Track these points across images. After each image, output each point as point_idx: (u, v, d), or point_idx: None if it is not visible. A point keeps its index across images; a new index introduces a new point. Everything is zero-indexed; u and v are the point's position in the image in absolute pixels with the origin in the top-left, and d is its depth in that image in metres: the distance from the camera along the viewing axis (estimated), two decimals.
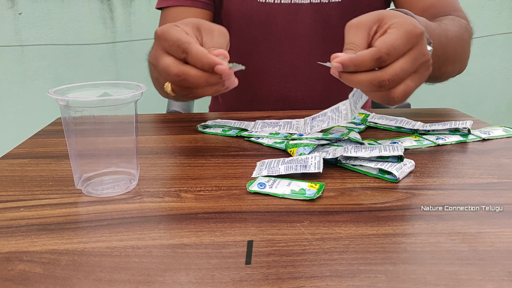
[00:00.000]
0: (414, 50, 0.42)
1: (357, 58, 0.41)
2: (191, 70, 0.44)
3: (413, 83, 0.43)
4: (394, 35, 0.41)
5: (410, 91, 0.43)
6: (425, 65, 0.44)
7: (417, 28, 0.42)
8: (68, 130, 0.39)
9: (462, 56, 0.65)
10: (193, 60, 0.43)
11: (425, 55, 0.43)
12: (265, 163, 0.46)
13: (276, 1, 0.75)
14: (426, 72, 0.44)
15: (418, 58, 0.42)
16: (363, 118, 0.62)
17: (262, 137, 0.56)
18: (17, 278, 0.28)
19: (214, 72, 0.43)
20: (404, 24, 0.42)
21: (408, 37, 0.41)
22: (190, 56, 0.43)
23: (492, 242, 0.32)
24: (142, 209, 0.37)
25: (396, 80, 0.41)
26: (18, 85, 1.46)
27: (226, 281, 0.28)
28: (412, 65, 0.42)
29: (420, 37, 0.42)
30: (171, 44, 0.45)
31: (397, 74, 0.41)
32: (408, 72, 0.42)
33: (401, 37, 0.41)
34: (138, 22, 1.45)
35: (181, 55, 0.44)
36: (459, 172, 0.45)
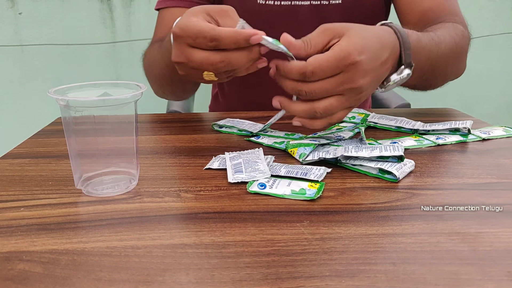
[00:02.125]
0: (342, 75, 0.44)
1: (286, 66, 0.45)
2: (231, 54, 0.44)
3: (338, 103, 0.46)
4: (326, 57, 0.43)
5: (334, 110, 0.46)
6: (353, 91, 0.45)
7: (350, 56, 0.43)
8: (68, 130, 0.39)
9: (456, 64, 0.67)
10: (226, 43, 0.43)
11: (353, 83, 0.44)
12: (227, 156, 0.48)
13: (276, 3, 0.75)
14: (356, 97, 0.46)
15: (344, 83, 0.44)
16: (363, 118, 0.63)
17: (262, 136, 0.56)
18: (17, 278, 0.28)
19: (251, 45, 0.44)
20: (340, 49, 0.43)
21: (338, 62, 0.43)
22: (221, 41, 0.43)
23: (491, 242, 0.32)
24: (142, 209, 0.37)
25: (312, 94, 0.45)
26: (18, 85, 1.46)
27: (226, 281, 0.28)
28: (335, 87, 0.44)
29: (352, 64, 0.43)
30: (195, 38, 0.44)
31: (315, 90, 0.44)
32: (329, 92, 0.45)
33: (331, 61, 0.43)
34: (138, 22, 1.45)
35: (210, 45, 0.44)
36: (459, 172, 0.45)
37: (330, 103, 0.45)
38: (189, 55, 0.46)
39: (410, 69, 0.51)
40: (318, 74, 0.43)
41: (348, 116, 0.63)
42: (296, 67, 0.44)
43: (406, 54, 0.50)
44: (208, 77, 0.47)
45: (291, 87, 0.46)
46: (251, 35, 0.43)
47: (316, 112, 0.46)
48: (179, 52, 0.47)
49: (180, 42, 0.46)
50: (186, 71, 0.49)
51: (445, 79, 0.67)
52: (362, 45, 0.44)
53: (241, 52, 0.45)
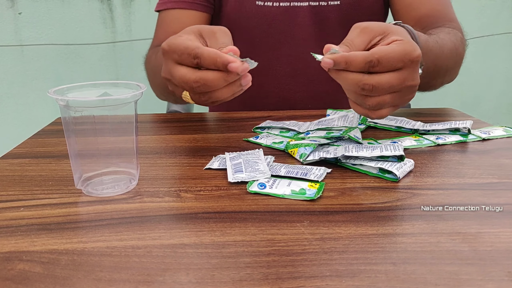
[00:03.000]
0: (405, 71, 0.43)
1: (349, 56, 0.41)
2: (207, 73, 0.44)
3: (392, 100, 0.44)
4: (392, 48, 0.42)
5: (385, 106, 0.45)
6: (410, 89, 0.44)
7: (415, 52, 0.42)
8: (68, 130, 0.39)
9: (454, 70, 0.67)
10: (206, 63, 0.44)
11: (413, 80, 0.44)
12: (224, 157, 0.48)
13: (275, 4, 0.75)
14: (409, 95, 0.45)
15: (406, 79, 0.43)
16: (363, 118, 0.62)
17: (261, 136, 0.56)
18: (17, 278, 0.28)
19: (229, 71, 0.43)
20: (405, 43, 0.42)
21: (403, 55, 0.42)
22: (202, 59, 0.43)
23: (492, 242, 0.32)
24: (142, 209, 0.37)
25: (378, 89, 0.42)
26: (18, 85, 1.46)
27: (226, 281, 0.28)
28: (398, 83, 0.43)
29: (415, 61, 0.42)
30: (180, 54, 0.45)
31: (381, 83, 0.42)
32: (392, 87, 0.43)
33: (397, 53, 0.42)
34: (138, 22, 1.45)
35: (193, 62, 0.44)
36: (459, 172, 0.45)
37: (383, 99, 0.44)
38: (172, 71, 0.46)
39: (421, 68, 0.50)
40: (383, 65, 0.41)
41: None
42: (361, 56, 0.41)
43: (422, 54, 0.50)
44: (185, 98, 0.48)
45: (356, 80, 0.42)
46: (229, 61, 0.42)
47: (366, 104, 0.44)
48: (166, 68, 0.48)
49: (167, 58, 0.47)
50: (172, 87, 0.50)
51: (442, 83, 0.68)
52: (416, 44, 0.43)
53: (218, 73, 0.44)
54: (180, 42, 0.45)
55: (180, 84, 0.46)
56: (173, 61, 0.46)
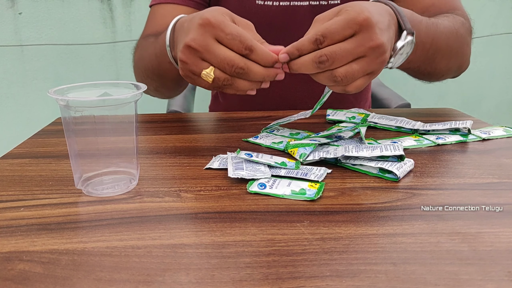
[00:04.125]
0: (358, 35, 0.43)
1: (297, 43, 0.44)
2: (254, 65, 0.46)
3: (359, 66, 0.44)
4: (334, 20, 0.43)
5: (356, 74, 0.45)
6: (375, 51, 0.44)
7: (360, 15, 0.43)
8: (68, 130, 0.39)
9: (458, 51, 0.65)
10: (258, 58, 0.46)
11: (372, 40, 0.43)
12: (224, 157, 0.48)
13: (275, 3, 0.75)
14: (379, 58, 0.45)
15: (363, 42, 0.43)
16: (363, 118, 0.62)
17: (261, 137, 0.56)
18: (17, 278, 0.28)
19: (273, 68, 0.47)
20: (347, 11, 0.43)
21: (347, 22, 0.43)
22: (255, 54, 0.45)
23: (492, 242, 0.32)
24: (142, 209, 0.37)
25: (336, 57, 0.43)
26: (18, 85, 1.46)
27: (226, 281, 0.28)
28: (355, 47, 0.43)
29: (364, 23, 0.43)
30: (231, 38, 0.45)
31: (335, 51, 0.43)
32: (349, 53, 0.43)
33: (339, 22, 0.43)
34: (138, 22, 1.45)
35: (243, 51, 0.45)
36: (459, 172, 0.45)
37: (350, 66, 0.44)
38: (212, 47, 0.46)
39: (412, 35, 0.50)
40: (329, 37, 0.42)
41: (348, 116, 0.63)
42: (307, 38, 0.44)
43: (404, 21, 0.50)
44: (206, 76, 0.47)
45: (311, 58, 0.44)
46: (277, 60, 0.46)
47: (336, 76, 0.45)
48: (202, 39, 0.46)
49: (208, 31, 0.46)
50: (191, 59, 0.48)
51: (448, 67, 0.66)
52: (367, 7, 0.44)
53: (262, 69, 0.47)
54: (233, 26, 0.46)
55: (221, 62, 0.46)
56: (214, 37, 0.46)
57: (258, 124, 0.64)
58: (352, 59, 0.44)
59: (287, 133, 0.58)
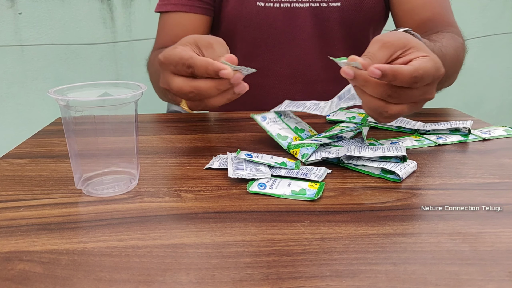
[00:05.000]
0: (429, 86, 0.43)
1: (398, 70, 0.40)
2: (200, 83, 0.46)
3: (408, 110, 0.45)
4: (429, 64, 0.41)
5: (400, 115, 0.45)
6: (425, 102, 0.45)
7: (442, 69, 0.43)
8: (68, 130, 0.39)
9: (453, 76, 0.68)
10: (199, 71, 0.45)
11: (431, 94, 0.44)
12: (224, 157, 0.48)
13: (276, 5, 0.75)
14: (420, 107, 0.46)
15: (427, 93, 0.44)
16: (363, 118, 0.62)
17: (269, 119, 0.55)
18: (17, 278, 0.28)
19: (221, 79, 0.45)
20: (433, 59, 0.42)
21: (435, 72, 0.42)
22: (196, 68, 0.45)
23: (492, 242, 0.32)
24: (142, 209, 0.37)
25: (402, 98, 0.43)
26: (18, 85, 1.46)
27: (226, 281, 0.27)
28: (420, 95, 0.43)
29: (440, 77, 0.43)
30: (176, 64, 0.47)
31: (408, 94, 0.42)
32: (414, 98, 0.43)
33: (432, 70, 0.42)
34: (138, 22, 1.45)
35: (187, 71, 0.46)
36: (460, 172, 0.45)
37: (402, 108, 0.44)
38: (170, 82, 0.48)
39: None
40: (423, 80, 0.41)
41: (348, 116, 0.63)
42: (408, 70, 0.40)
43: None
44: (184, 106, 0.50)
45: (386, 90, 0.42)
46: (220, 69, 0.44)
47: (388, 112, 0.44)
48: (163, 79, 0.50)
49: (164, 69, 0.49)
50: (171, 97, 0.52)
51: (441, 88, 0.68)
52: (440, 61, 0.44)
53: (211, 82, 0.46)
54: (176, 53, 0.47)
55: (177, 94, 0.48)
56: (170, 72, 0.48)
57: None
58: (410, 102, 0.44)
59: (293, 124, 0.56)
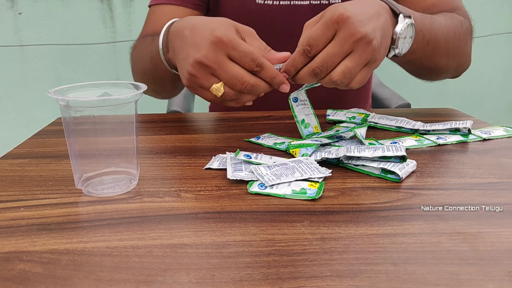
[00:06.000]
0: (338, 34, 0.44)
1: (290, 60, 0.46)
2: (262, 82, 0.49)
3: (353, 62, 0.45)
4: (315, 27, 0.45)
5: (353, 71, 0.46)
6: (360, 42, 0.45)
7: (334, 13, 0.44)
8: (68, 130, 0.39)
9: (458, 50, 0.66)
10: (265, 76, 0.48)
11: (353, 35, 0.44)
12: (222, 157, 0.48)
13: (275, 2, 0.75)
14: (367, 49, 0.45)
15: (346, 39, 0.44)
16: (363, 118, 0.62)
17: (262, 137, 0.56)
18: (17, 278, 0.28)
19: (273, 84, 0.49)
20: (325, 13, 0.45)
21: (325, 25, 0.44)
22: (264, 71, 0.47)
23: (492, 242, 0.32)
24: (142, 209, 0.37)
25: (327, 64, 0.45)
26: (18, 85, 1.46)
27: (226, 281, 0.28)
28: (340, 47, 0.44)
29: (340, 20, 0.44)
30: (243, 56, 0.47)
31: (324, 59, 0.45)
32: (337, 54, 0.45)
33: (319, 27, 0.44)
34: (138, 22, 1.45)
35: (253, 68, 0.47)
36: (460, 172, 0.45)
37: (345, 65, 0.45)
38: (225, 65, 0.47)
39: (410, 18, 0.51)
40: (315, 44, 0.44)
41: (348, 116, 0.63)
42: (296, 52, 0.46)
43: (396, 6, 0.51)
44: (216, 91, 0.49)
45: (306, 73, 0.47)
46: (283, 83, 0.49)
47: (335, 80, 0.46)
48: (214, 56, 0.47)
49: (220, 48, 0.47)
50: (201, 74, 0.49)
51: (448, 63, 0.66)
52: (343, 5, 0.45)
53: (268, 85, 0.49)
54: (243, 43, 0.47)
55: (232, 80, 0.48)
56: (226, 54, 0.47)
57: (258, 124, 0.64)
58: (342, 58, 0.45)
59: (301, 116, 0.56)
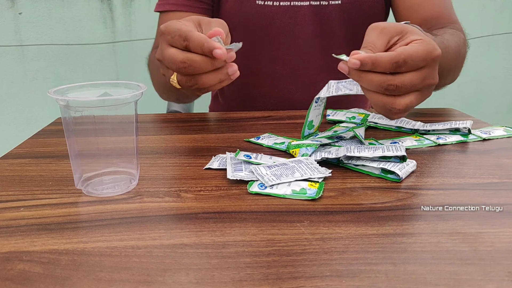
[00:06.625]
0: (426, 69, 0.43)
1: (376, 57, 0.42)
2: (195, 56, 0.45)
3: (417, 100, 0.45)
4: (415, 48, 0.42)
5: (412, 107, 0.45)
6: (429, 87, 0.45)
7: (436, 50, 0.43)
8: (68, 130, 0.39)
9: (457, 70, 0.68)
10: (194, 46, 0.45)
11: (433, 78, 0.44)
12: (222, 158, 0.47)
13: (275, 3, 0.75)
14: (428, 94, 0.46)
15: (427, 78, 0.43)
16: (363, 118, 0.62)
17: (262, 137, 0.56)
18: (17, 278, 0.28)
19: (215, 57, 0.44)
20: (426, 42, 0.43)
21: (426, 55, 0.42)
22: (191, 42, 0.45)
23: (492, 242, 0.32)
24: (142, 209, 0.37)
25: (402, 89, 0.43)
26: (18, 85, 1.46)
27: (226, 281, 0.28)
28: (420, 82, 0.43)
29: (436, 59, 0.43)
30: (173, 35, 0.46)
31: (405, 83, 0.43)
32: (415, 86, 0.43)
33: (421, 52, 0.42)
34: (138, 22, 1.45)
35: (183, 44, 0.45)
36: (460, 172, 0.45)
37: (410, 100, 0.44)
38: (163, 51, 0.47)
39: None
40: (409, 64, 0.42)
41: (348, 116, 0.63)
42: (388, 56, 0.42)
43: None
44: (172, 81, 0.48)
45: (380, 81, 0.43)
46: (215, 47, 0.43)
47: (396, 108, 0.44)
48: (159, 50, 0.49)
49: (162, 39, 0.48)
50: (163, 70, 0.50)
51: (444, 84, 0.68)
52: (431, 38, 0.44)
53: (205, 58, 0.45)
54: (175, 25, 0.47)
55: (168, 64, 0.47)
56: (166, 42, 0.47)
57: (258, 124, 0.64)
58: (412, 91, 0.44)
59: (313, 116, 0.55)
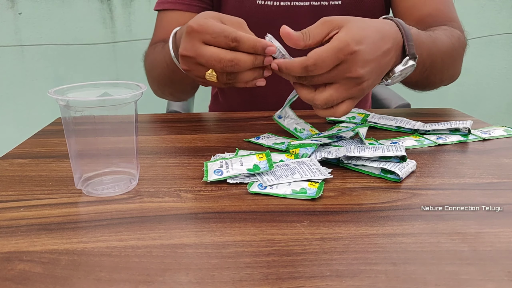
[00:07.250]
0: (343, 65, 0.45)
1: (287, 64, 0.46)
2: (243, 55, 0.47)
3: (338, 93, 0.46)
4: (325, 48, 0.44)
5: (334, 101, 0.47)
6: (352, 81, 0.46)
7: (349, 46, 0.44)
8: (68, 130, 0.39)
9: (452, 65, 0.67)
10: (245, 46, 0.47)
11: (352, 72, 0.45)
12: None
13: (276, 3, 0.75)
14: (354, 87, 0.47)
15: (344, 72, 0.45)
16: (363, 118, 0.62)
17: (262, 137, 0.56)
18: (17, 278, 0.28)
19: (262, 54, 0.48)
20: (338, 39, 0.44)
21: (337, 52, 0.44)
22: (241, 43, 0.47)
23: (492, 242, 0.32)
24: (142, 209, 0.37)
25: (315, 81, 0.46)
26: (18, 85, 1.46)
27: (226, 281, 0.28)
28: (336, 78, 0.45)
29: (353, 53, 0.44)
30: (216, 36, 0.47)
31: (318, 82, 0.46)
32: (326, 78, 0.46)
33: (331, 51, 0.44)
34: (138, 22, 1.45)
35: (230, 44, 0.47)
36: (460, 172, 0.45)
37: (330, 94, 0.46)
38: (200, 51, 0.48)
39: (414, 60, 0.51)
40: (320, 66, 0.44)
41: (348, 116, 0.63)
42: (297, 62, 0.45)
43: (410, 45, 0.50)
44: (210, 77, 0.49)
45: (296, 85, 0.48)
46: (268, 45, 0.47)
47: (317, 103, 0.47)
48: (190, 46, 0.49)
49: (194, 37, 0.48)
50: (191, 66, 0.50)
51: (441, 79, 0.68)
52: (360, 36, 0.45)
53: (249, 56, 0.47)
54: (214, 25, 0.47)
55: (210, 62, 0.48)
56: (201, 41, 0.48)
57: (258, 124, 0.64)
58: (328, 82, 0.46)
59: (292, 126, 0.58)
